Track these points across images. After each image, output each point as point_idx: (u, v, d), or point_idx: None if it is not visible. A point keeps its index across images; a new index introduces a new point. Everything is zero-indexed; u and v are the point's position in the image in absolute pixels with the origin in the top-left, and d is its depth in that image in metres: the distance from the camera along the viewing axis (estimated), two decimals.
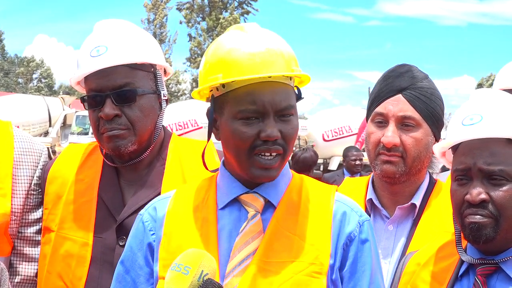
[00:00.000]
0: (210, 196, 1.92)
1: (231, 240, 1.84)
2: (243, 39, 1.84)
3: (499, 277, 1.88)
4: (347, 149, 9.93)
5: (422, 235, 2.30)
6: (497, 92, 1.98)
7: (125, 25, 2.34)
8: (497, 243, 1.87)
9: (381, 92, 2.40)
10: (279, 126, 1.81)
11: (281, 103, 1.81)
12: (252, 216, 1.86)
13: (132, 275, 1.92)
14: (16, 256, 2.41)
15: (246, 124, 1.80)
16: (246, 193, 1.88)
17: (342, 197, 1.96)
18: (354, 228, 1.88)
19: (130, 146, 2.25)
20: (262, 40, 1.84)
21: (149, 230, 1.92)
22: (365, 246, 1.89)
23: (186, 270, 1.66)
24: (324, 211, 1.89)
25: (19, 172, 2.39)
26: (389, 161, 2.33)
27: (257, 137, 1.80)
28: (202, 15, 50.63)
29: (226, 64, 1.81)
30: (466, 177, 1.90)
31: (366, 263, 1.89)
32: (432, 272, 1.99)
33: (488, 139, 1.87)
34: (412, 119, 2.33)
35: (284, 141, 1.82)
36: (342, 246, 1.86)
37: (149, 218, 1.93)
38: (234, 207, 1.89)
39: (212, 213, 1.88)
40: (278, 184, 1.90)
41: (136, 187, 2.31)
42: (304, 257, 1.82)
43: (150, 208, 1.96)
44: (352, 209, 1.92)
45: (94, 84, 2.25)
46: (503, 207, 1.84)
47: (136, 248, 1.93)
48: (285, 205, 1.89)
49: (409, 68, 2.42)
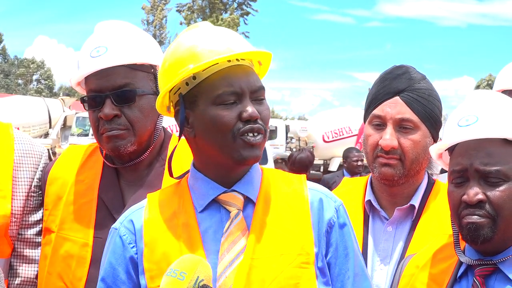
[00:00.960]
0: (185, 200, 1.90)
1: (217, 242, 1.83)
2: (202, 33, 1.88)
3: (497, 278, 1.89)
4: (348, 150, 9.93)
5: (421, 236, 2.30)
6: (492, 93, 1.99)
7: (125, 26, 2.35)
8: (495, 243, 1.87)
9: (378, 94, 2.39)
10: (256, 107, 1.83)
11: (255, 83, 1.84)
12: (235, 215, 1.85)
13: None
14: (16, 258, 2.41)
15: (225, 108, 1.81)
16: (224, 192, 1.88)
17: (314, 185, 1.99)
18: (333, 214, 1.92)
19: (129, 147, 2.26)
20: (220, 30, 1.90)
21: (128, 244, 1.88)
22: (345, 230, 1.93)
23: (182, 276, 1.66)
24: (300, 201, 1.91)
25: (19, 174, 2.39)
26: (388, 164, 2.33)
27: (238, 119, 1.81)
28: (203, 16, 50.63)
29: (194, 55, 1.83)
30: (462, 178, 1.90)
31: (348, 246, 1.93)
32: (431, 274, 1.99)
33: (484, 140, 1.88)
34: (410, 122, 2.33)
35: (263, 122, 1.85)
36: (324, 233, 1.89)
37: (126, 232, 1.90)
38: (213, 208, 1.88)
39: (192, 217, 1.87)
40: (253, 179, 1.91)
41: (136, 188, 2.31)
42: (291, 249, 1.83)
43: (125, 221, 1.92)
44: (327, 196, 1.95)
45: (94, 84, 2.25)
46: (500, 207, 1.85)
47: (116, 263, 1.88)
48: (263, 200, 1.89)
49: (406, 69, 2.41)
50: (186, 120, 1.88)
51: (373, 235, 2.39)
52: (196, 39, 1.86)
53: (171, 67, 1.86)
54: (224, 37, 1.86)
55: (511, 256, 1.88)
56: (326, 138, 20.14)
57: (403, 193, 2.39)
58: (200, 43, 1.84)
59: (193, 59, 1.82)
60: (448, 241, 2.04)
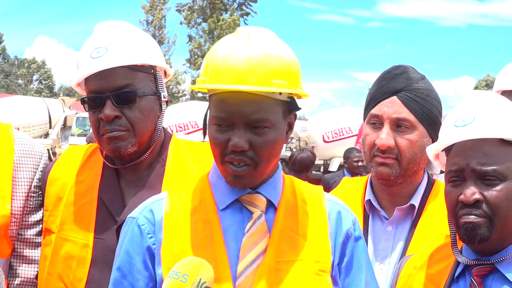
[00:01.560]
0: (207, 197, 1.91)
1: (237, 241, 1.84)
2: (231, 47, 1.82)
3: (495, 277, 1.89)
4: (348, 151, 9.93)
5: (421, 236, 2.31)
6: (488, 93, 2.00)
7: (125, 26, 2.35)
8: (492, 243, 1.88)
9: (376, 94, 2.40)
10: (250, 136, 1.79)
11: (250, 115, 1.78)
12: (258, 216, 1.86)
13: (130, 280, 1.89)
14: (16, 258, 2.41)
15: (218, 130, 1.82)
16: (248, 193, 1.88)
17: (331, 196, 2.02)
18: (350, 226, 1.95)
19: (130, 148, 2.26)
20: (248, 49, 1.80)
21: (147, 234, 1.89)
22: (359, 243, 1.97)
23: (184, 278, 1.67)
24: (319, 211, 1.94)
25: (19, 174, 2.39)
26: (384, 163, 2.34)
27: (226, 145, 1.81)
28: (203, 16, 50.63)
29: (210, 69, 1.82)
30: (459, 178, 1.91)
31: (361, 258, 1.96)
32: (429, 275, 2.00)
33: (481, 140, 1.89)
34: (407, 121, 2.34)
35: (254, 153, 1.81)
36: (341, 244, 1.92)
37: (146, 221, 1.90)
38: (236, 207, 1.89)
39: (213, 214, 1.88)
40: (277, 184, 1.93)
41: (136, 189, 2.31)
42: (309, 256, 1.86)
43: (145, 211, 1.93)
44: (344, 208, 1.99)
45: (94, 85, 2.25)
46: (497, 206, 1.86)
47: (134, 252, 1.89)
48: (284, 205, 1.91)
49: (404, 69, 2.42)
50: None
51: (373, 234, 2.40)
52: (220, 51, 1.82)
53: (203, 65, 1.87)
54: (242, 60, 1.78)
55: (508, 255, 1.89)
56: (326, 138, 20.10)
57: (402, 192, 2.40)
58: (217, 60, 1.80)
59: (207, 73, 1.82)
60: (445, 242, 2.05)
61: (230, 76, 1.78)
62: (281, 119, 1.84)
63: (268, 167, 1.87)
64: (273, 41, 1.85)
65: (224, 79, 1.78)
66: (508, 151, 1.88)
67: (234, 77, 1.78)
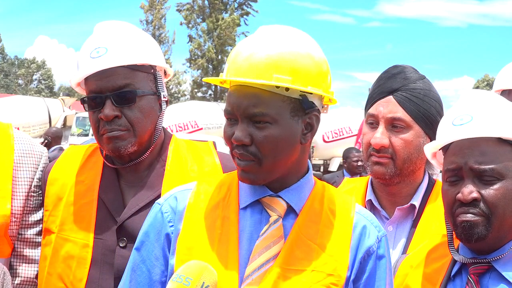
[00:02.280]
0: (232, 194, 1.90)
1: (251, 242, 1.82)
2: (248, 41, 1.84)
3: (491, 276, 1.90)
4: (348, 150, 9.93)
5: (421, 236, 2.31)
6: (486, 92, 2.01)
7: (125, 26, 2.35)
8: (489, 242, 1.88)
9: (373, 94, 2.42)
10: (252, 131, 1.78)
11: (249, 109, 1.77)
12: (274, 220, 1.83)
13: (148, 265, 1.90)
14: (16, 258, 2.41)
15: (229, 123, 1.83)
16: (270, 195, 1.86)
17: (362, 209, 1.93)
18: (374, 243, 1.86)
19: (130, 147, 2.26)
20: (258, 44, 1.81)
21: (168, 222, 1.89)
22: (382, 262, 1.87)
23: (188, 281, 1.67)
24: (345, 223, 1.86)
25: (19, 174, 2.39)
26: (379, 162, 2.35)
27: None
28: (203, 16, 50.61)
29: (228, 62, 1.84)
30: (457, 177, 1.91)
31: (381, 279, 1.87)
32: (425, 274, 2.00)
33: (479, 139, 1.89)
34: (402, 121, 2.34)
35: (256, 148, 1.79)
36: (360, 259, 1.84)
37: (169, 209, 1.91)
38: (256, 208, 1.86)
39: (234, 212, 1.86)
40: (302, 190, 1.88)
41: (136, 189, 2.31)
42: (323, 267, 1.79)
43: (170, 199, 1.93)
44: (372, 223, 1.90)
45: (94, 85, 2.25)
46: (494, 205, 1.86)
47: (154, 238, 1.90)
48: (307, 212, 1.86)
49: (402, 69, 2.43)
50: None
51: None
52: (241, 47, 1.83)
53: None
54: (248, 54, 1.79)
55: (505, 254, 1.89)
56: (326, 138, 20.13)
57: (401, 192, 2.40)
58: (237, 55, 1.82)
59: (227, 66, 1.84)
60: (442, 241, 2.05)
61: (234, 69, 1.80)
62: (287, 116, 1.79)
63: (277, 165, 1.81)
64: (290, 38, 1.82)
65: (231, 72, 1.81)
66: (506, 150, 1.89)
67: (236, 71, 1.80)
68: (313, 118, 1.85)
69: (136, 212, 2.26)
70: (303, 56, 1.81)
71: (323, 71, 1.86)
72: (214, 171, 2.33)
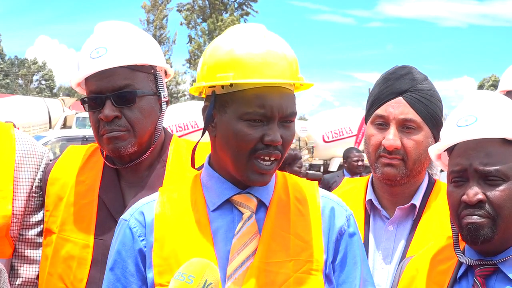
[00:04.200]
0: (198, 197, 1.90)
1: (227, 242, 1.83)
2: (257, 42, 1.82)
3: (497, 278, 1.89)
4: (348, 150, 9.93)
5: (422, 236, 2.31)
6: (491, 93, 2.00)
7: (125, 26, 2.34)
8: (495, 243, 1.87)
9: (381, 94, 2.40)
10: (281, 131, 1.82)
11: (287, 109, 1.82)
12: (248, 217, 1.85)
13: (123, 283, 1.88)
14: (17, 258, 2.41)
15: (251, 126, 1.79)
16: (239, 193, 1.87)
17: (325, 192, 2.00)
18: (344, 223, 1.94)
19: (130, 148, 2.26)
20: (275, 44, 1.84)
21: (138, 236, 1.88)
22: (354, 239, 1.95)
23: (190, 279, 1.67)
24: (312, 208, 1.92)
25: (20, 175, 2.39)
26: (390, 164, 2.34)
27: (259, 140, 1.80)
28: (203, 17, 50.58)
29: (239, 64, 1.79)
30: (462, 178, 1.90)
31: (356, 255, 1.94)
32: (431, 276, 1.99)
33: (484, 140, 1.88)
34: (413, 122, 2.34)
35: (282, 146, 1.84)
36: (334, 241, 1.90)
37: (137, 224, 1.89)
38: (226, 208, 1.87)
39: (204, 215, 1.86)
40: (268, 183, 1.89)
41: (136, 189, 2.31)
42: (301, 255, 1.84)
43: (136, 213, 1.91)
44: (339, 204, 1.97)
45: (94, 85, 2.25)
46: (500, 207, 1.85)
47: (126, 255, 1.88)
48: (276, 204, 1.89)
49: (409, 70, 2.42)
50: (212, 118, 1.87)
51: (374, 234, 2.40)
52: (245, 46, 1.81)
53: (214, 62, 1.84)
54: (275, 54, 1.81)
55: (511, 256, 1.88)
56: (326, 138, 20.08)
57: (404, 192, 2.40)
58: (247, 53, 1.80)
59: (234, 67, 1.79)
60: (447, 243, 2.04)
61: (266, 70, 1.79)
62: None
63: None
64: (278, 36, 1.90)
65: (260, 74, 1.78)
66: (511, 151, 1.88)
67: (270, 71, 1.79)
68: None
69: None
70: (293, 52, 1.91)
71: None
72: None
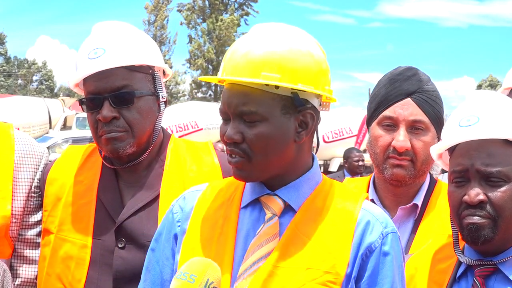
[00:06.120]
0: (237, 193, 1.90)
1: (248, 241, 1.81)
2: (242, 40, 1.84)
3: (497, 278, 1.89)
4: (348, 150, 9.94)
5: (424, 235, 2.32)
6: (493, 93, 1.99)
7: (123, 27, 2.34)
8: (495, 244, 1.87)
9: (389, 95, 2.40)
10: (243, 129, 1.78)
11: (239, 107, 1.77)
12: (268, 218, 1.81)
13: (160, 265, 1.93)
14: (16, 259, 2.41)
15: (224, 122, 1.83)
16: (267, 194, 1.85)
17: (369, 205, 1.86)
18: (376, 239, 1.79)
19: (128, 148, 2.25)
20: (249, 43, 1.80)
21: (176, 222, 1.92)
22: (387, 259, 1.79)
23: (192, 279, 1.66)
24: (348, 219, 1.80)
25: (19, 175, 2.39)
26: (400, 165, 2.34)
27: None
28: (203, 17, 50.62)
29: (224, 60, 1.84)
30: (463, 179, 1.90)
31: (386, 276, 1.78)
32: (430, 275, 1.99)
33: (485, 140, 1.88)
34: (422, 123, 2.35)
35: (247, 146, 1.78)
36: (361, 256, 1.77)
37: (179, 210, 1.94)
38: (256, 207, 1.85)
39: (235, 211, 1.86)
40: (301, 187, 1.84)
41: (135, 189, 2.30)
42: (320, 265, 1.74)
43: (181, 199, 1.97)
44: (377, 219, 1.82)
45: (92, 86, 2.24)
46: (501, 207, 1.85)
47: (165, 239, 1.93)
48: (306, 210, 1.82)
49: (415, 71, 2.44)
50: None
51: None
52: (236, 46, 1.83)
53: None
54: (240, 53, 1.79)
55: (511, 256, 1.88)
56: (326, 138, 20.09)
57: (408, 193, 2.41)
58: (232, 53, 1.82)
59: (222, 65, 1.84)
60: (447, 242, 2.04)
61: (228, 68, 1.80)
62: (278, 114, 1.77)
63: (269, 163, 1.79)
64: (282, 36, 1.81)
65: (226, 71, 1.81)
66: None
67: (229, 69, 1.80)
68: (307, 116, 1.82)
69: (134, 213, 2.25)
70: (294, 53, 1.78)
71: (319, 69, 1.83)
72: (213, 171, 2.33)
